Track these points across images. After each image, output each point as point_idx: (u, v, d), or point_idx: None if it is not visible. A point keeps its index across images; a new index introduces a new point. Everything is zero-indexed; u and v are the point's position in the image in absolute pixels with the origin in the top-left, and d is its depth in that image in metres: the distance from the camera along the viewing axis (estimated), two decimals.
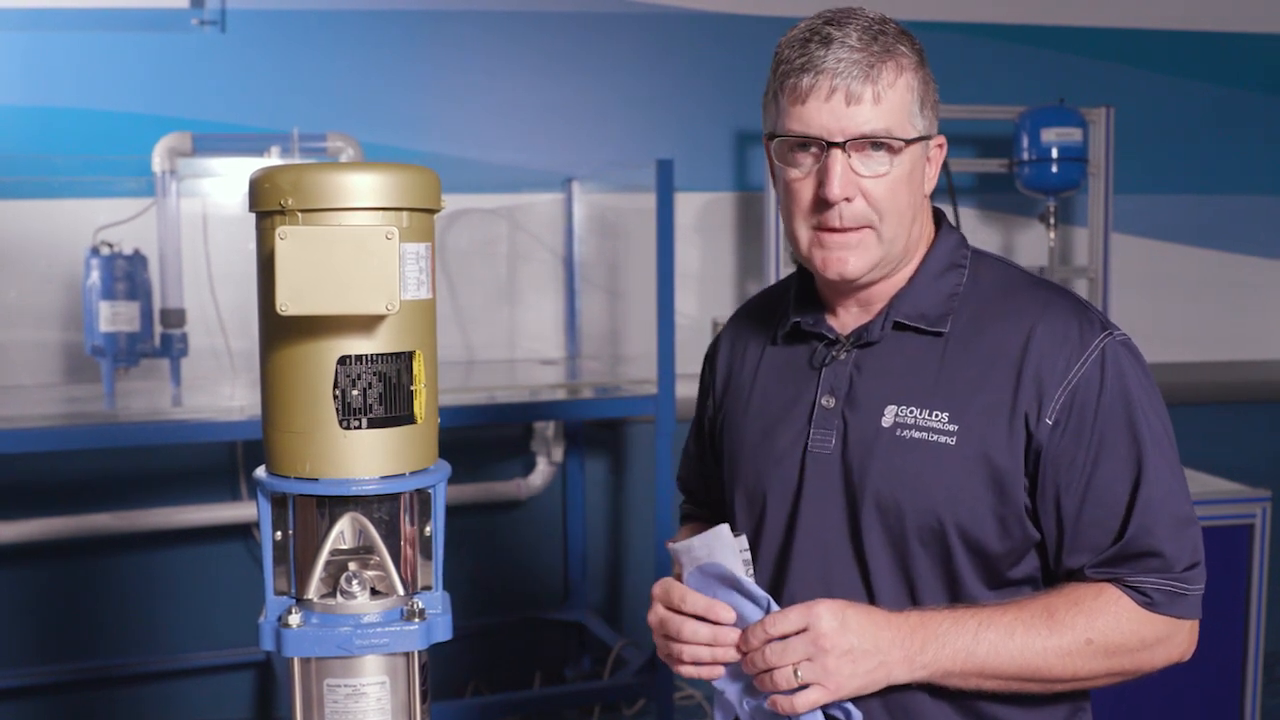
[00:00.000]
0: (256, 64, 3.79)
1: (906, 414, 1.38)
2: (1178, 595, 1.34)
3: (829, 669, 1.29)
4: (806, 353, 1.49)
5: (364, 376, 1.14)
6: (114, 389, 3.35)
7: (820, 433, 1.43)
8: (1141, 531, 1.33)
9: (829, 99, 1.33)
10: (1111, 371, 1.34)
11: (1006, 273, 1.46)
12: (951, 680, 1.33)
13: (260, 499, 1.20)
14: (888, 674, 1.31)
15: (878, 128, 1.33)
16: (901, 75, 1.35)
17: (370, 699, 1.16)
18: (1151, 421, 1.35)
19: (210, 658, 3.77)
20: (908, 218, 1.39)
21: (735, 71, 4.14)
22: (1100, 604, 1.33)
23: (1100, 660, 1.33)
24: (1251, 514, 3.37)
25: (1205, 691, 3.36)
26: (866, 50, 1.32)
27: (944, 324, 1.40)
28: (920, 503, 1.36)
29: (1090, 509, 1.34)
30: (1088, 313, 1.39)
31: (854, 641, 1.29)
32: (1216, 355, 4.60)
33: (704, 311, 4.22)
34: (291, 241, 1.09)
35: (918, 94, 1.36)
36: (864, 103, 1.32)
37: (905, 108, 1.35)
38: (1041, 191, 3.98)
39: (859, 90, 1.32)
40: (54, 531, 3.50)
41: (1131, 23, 4.47)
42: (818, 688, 1.29)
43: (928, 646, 1.31)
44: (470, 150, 3.99)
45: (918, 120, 1.37)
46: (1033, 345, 1.35)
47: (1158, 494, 1.33)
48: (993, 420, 1.34)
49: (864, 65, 1.32)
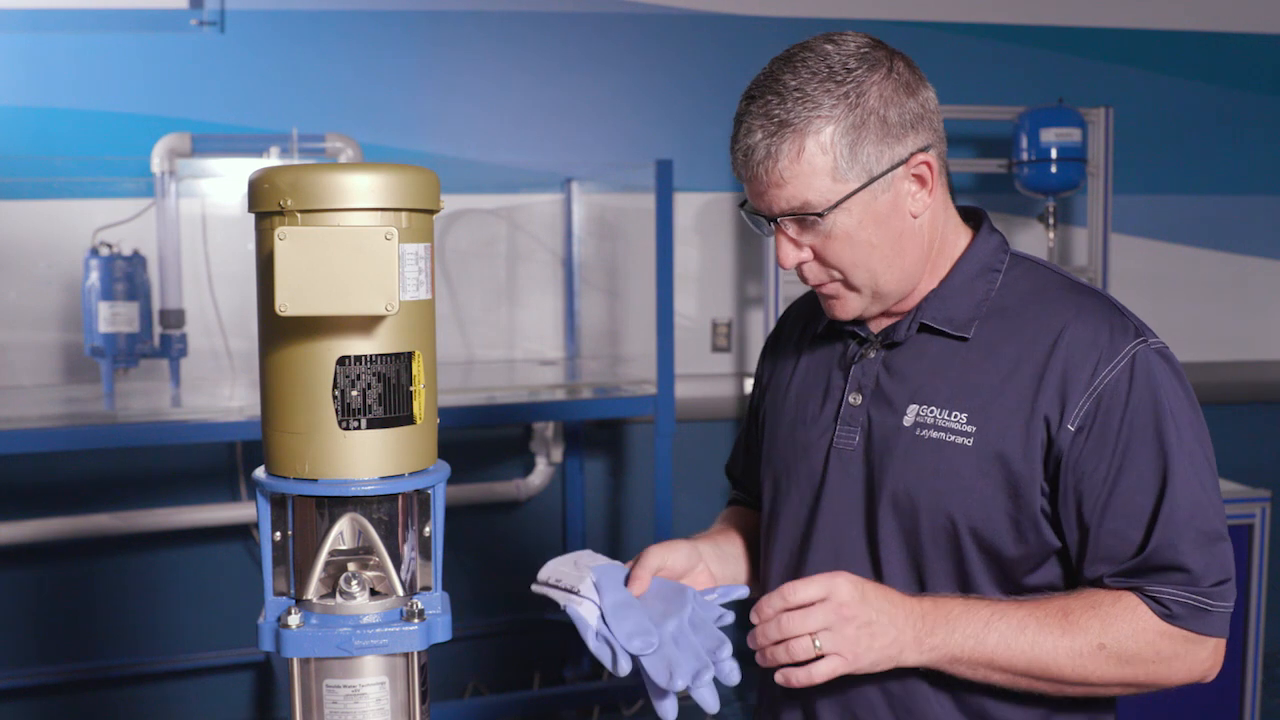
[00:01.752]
0: (255, 64, 3.79)
1: (927, 414, 1.38)
2: (1200, 610, 1.30)
3: (849, 638, 1.27)
4: (840, 349, 1.51)
5: (363, 377, 1.14)
6: (113, 389, 3.35)
7: (846, 429, 1.44)
8: (1164, 545, 1.30)
9: (750, 183, 1.36)
10: (1141, 379, 1.32)
11: (1044, 277, 1.44)
12: (959, 668, 1.32)
13: (259, 499, 1.20)
14: (900, 653, 1.29)
15: (793, 205, 1.34)
16: (806, 146, 1.31)
17: (370, 699, 1.16)
18: (1183, 433, 1.32)
19: (209, 658, 3.77)
20: (884, 257, 1.37)
21: (734, 72, 4.11)
22: (1118, 610, 1.31)
23: (1112, 667, 1.31)
24: (1251, 514, 3.38)
25: (1205, 691, 3.36)
26: (765, 131, 1.32)
27: (969, 329, 1.40)
28: (934, 502, 1.36)
29: (1112, 519, 1.32)
30: (1123, 318, 1.37)
31: (873, 615, 1.28)
32: (1215, 355, 4.60)
33: (703, 312, 4.22)
34: (290, 242, 1.08)
35: (840, 148, 1.31)
36: (771, 187, 1.34)
37: (820, 173, 1.32)
38: (1041, 192, 3.98)
39: (765, 176, 1.34)
40: (53, 532, 3.50)
41: (1131, 23, 4.47)
42: (836, 658, 1.27)
43: (937, 630, 1.30)
44: (469, 151, 3.99)
45: (847, 174, 1.32)
46: (1059, 349, 1.34)
47: (1184, 507, 1.30)
48: (1011, 423, 1.34)
49: (764, 149, 1.32)
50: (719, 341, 4.23)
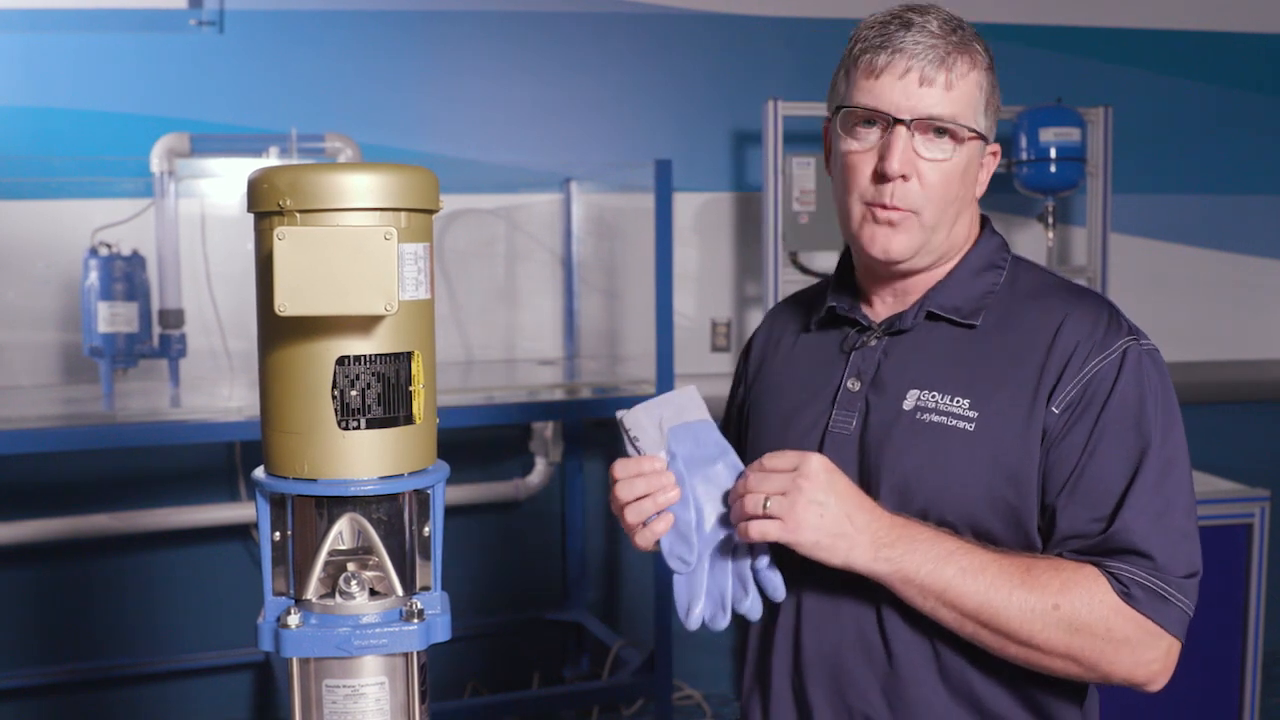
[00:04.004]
0: (254, 64, 3.79)
1: (928, 398, 1.39)
2: (1159, 597, 1.29)
3: (795, 509, 1.29)
4: (838, 338, 1.51)
5: (362, 377, 1.14)
6: (112, 389, 3.35)
7: (842, 414, 1.44)
8: (1127, 528, 1.30)
9: (902, 77, 1.36)
10: (1130, 372, 1.34)
11: (1043, 277, 1.48)
12: (909, 590, 1.31)
13: (259, 499, 1.20)
14: (849, 550, 1.30)
15: (945, 112, 1.36)
16: (974, 70, 1.39)
17: (369, 699, 1.16)
18: (1163, 430, 1.34)
19: (209, 658, 3.77)
20: (953, 211, 1.41)
21: (733, 72, 4.14)
22: (1079, 577, 1.30)
23: (1061, 632, 1.29)
24: (1250, 513, 3.38)
25: (1204, 690, 3.36)
26: (945, 39, 1.36)
27: (976, 317, 1.42)
28: (931, 486, 1.36)
29: (1080, 499, 1.32)
30: (1117, 317, 1.40)
31: (830, 499, 1.30)
32: (1214, 355, 4.61)
33: (702, 311, 4.22)
34: (289, 242, 1.08)
35: (985, 93, 1.40)
36: (936, 86, 1.36)
37: (973, 102, 1.39)
38: (1040, 191, 3.98)
39: (933, 74, 1.35)
40: (52, 532, 3.50)
41: (1129, 22, 4.48)
42: (777, 522, 1.29)
43: (899, 544, 1.30)
44: (468, 150, 3.99)
45: (981, 119, 1.40)
46: (1059, 341, 1.36)
47: (1155, 498, 1.31)
48: (1013, 413, 1.35)
49: (941, 52, 1.36)
50: (718, 341, 4.23)
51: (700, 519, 1.37)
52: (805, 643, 1.44)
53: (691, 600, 1.35)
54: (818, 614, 1.42)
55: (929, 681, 1.38)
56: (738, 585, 1.35)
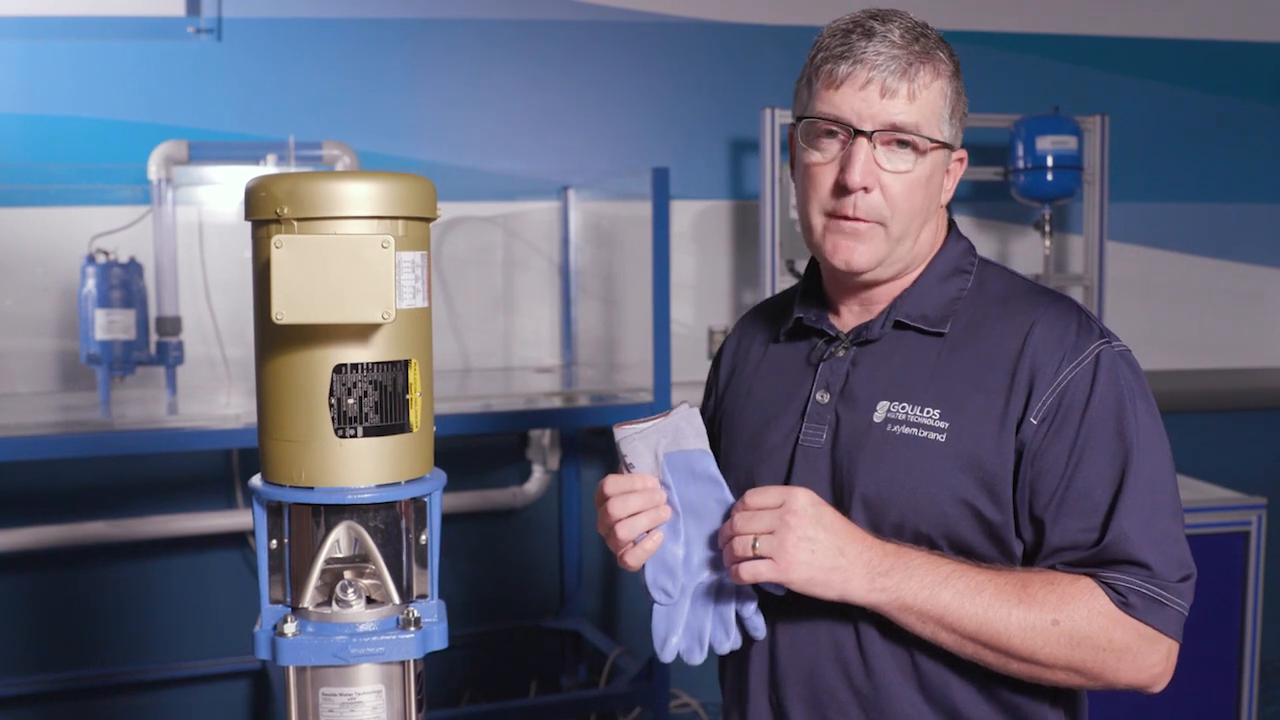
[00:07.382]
0: (252, 72, 3.79)
1: (898, 410, 1.38)
2: (1157, 603, 1.29)
3: (785, 547, 1.27)
4: (806, 349, 1.50)
5: (360, 385, 1.14)
6: (109, 397, 3.34)
7: (812, 427, 1.43)
8: (1121, 538, 1.30)
9: (863, 89, 1.35)
10: (1105, 377, 1.33)
11: (1011, 281, 1.46)
12: (908, 617, 1.31)
13: (256, 507, 1.20)
14: (844, 582, 1.29)
15: (908, 123, 1.35)
16: (937, 79, 1.37)
17: (366, 708, 1.16)
18: (1144, 431, 1.33)
19: (205, 666, 3.76)
20: (919, 221, 1.40)
21: (731, 80, 4.14)
22: (1075, 590, 1.30)
23: (1062, 647, 1.29)
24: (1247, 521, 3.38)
25: (1201, 697, 3.36)
26: (907, 49, 1.35)
27: (944, 325, 1.41)
28: (905, 499, 1.35)
29: (1069, 512, 1.32)
30: (1088, 321, 1.39)
31: (819, 534, 1.28)
32: (1211, 363, 4.61)
33: (699, 319, 4.22)
34: (287, 250, 1.09)
35: (949, 101, 1.39)
36: (898, 98, 1.34)
37: (937, 111, 1.37)
38: (1037, 199, 3.99)
39: (894, 85, 1.34)
40: (49, 540, 3.49)
41: (1126, 31, 4.49)
42: (768, 562, 1.28)
43: (894, 572, 1.29)
44: (466, 158, 4.00)
45: (945, 127, 1.39)
46: (1028, 347, 1.35)
47: (1144, 503, 1.31)
48: (985, 422, 1.34)
49: (903, 62, 1.34)
50: (715, 349, 4.23)
51: (688, 554, 1.36)
52: (781, 658, 1.43)
53: (669, 633, 1.36)
54: (794, 629, 1.42)
55: (908, 695, 1.37)
56: (718, 626, 1.36)
